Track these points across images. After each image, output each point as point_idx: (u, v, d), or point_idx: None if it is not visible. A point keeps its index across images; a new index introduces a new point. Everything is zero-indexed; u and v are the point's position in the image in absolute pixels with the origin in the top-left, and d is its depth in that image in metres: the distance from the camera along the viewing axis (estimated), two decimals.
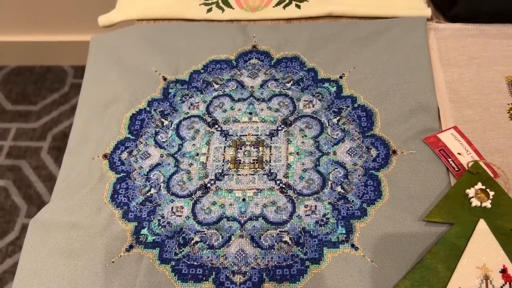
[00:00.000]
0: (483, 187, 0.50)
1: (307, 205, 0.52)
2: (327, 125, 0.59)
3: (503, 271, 0.46)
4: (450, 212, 0.49)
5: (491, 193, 0.49)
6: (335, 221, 0.51)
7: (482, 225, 0.48)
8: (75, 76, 1.72)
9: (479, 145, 0.56)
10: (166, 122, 0.60)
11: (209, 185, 0.55)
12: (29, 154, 1.54)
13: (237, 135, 0.58)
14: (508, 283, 0.45)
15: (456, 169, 0.53)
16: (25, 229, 1.41)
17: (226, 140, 0.58)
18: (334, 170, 0.55)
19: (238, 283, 0.48)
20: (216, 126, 0.59)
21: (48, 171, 1.51)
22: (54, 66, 1.76)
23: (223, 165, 0.56)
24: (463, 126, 0.58)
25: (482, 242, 0.47)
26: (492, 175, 0.52)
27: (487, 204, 0.49)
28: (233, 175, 0.55)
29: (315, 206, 0.52)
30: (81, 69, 1.76)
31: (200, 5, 0.71)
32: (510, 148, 0.55)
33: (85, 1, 1.46)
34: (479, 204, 0.49)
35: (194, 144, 0.58)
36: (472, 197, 0.49)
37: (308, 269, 0.48)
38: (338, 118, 0.59)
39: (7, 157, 1.51)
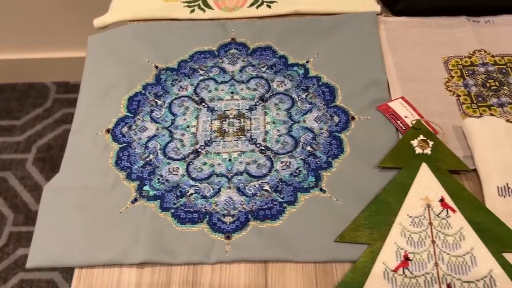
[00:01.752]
0: (424, 138, 0.61)
1: (283, 162, 0.63)
2: (297, 100, 0.70)
3: (441, 200, 0.57)
4: (399, 159, 0.60)
5: (431, 143, 0.61)
6: (306, 172, 0.61)
7: (424, 167, 0.59)
8: (57, 91, 1.78)
9: (422, 110, 0.68)
10: (159, 102, 0.70)
11: (200, 150, 0.64)
12: (14, 165, 1.58)
13: (221, 110, 0.69)
14: (445, 209, 0.56)
15: (404, 128, 0.65)
16: (12, 236, 1.45)
17: (212, 114, 0.68)
18: (304, 134, 0.66)
19: (228, 223, 0.57)
20: (203, 104, 0.70)
21: (34, 181, 1.56)
22: (36, 83, 1.81)
23: (210, 134, 0.66)
24: (408, 96, 0.70)
25: (425, 180, 0.58)
26: (432, 132, 0.64)
27: (428, 151, 0.60)
28: (219, 141, 0.65)
29: (290, 162, 0.63)
30: (64, 85, 1.82)
31: (184, 7, 0.82)
32: (446, 112, 0.67)
33: (65, 19, 1.54)
34: (421, 151, 0.60)
35: (185, 119, 0.68)
36: (416, 146, 0.61)
37: (285, 209, 0.58)
38: (306, 94, 0.70)
39: None
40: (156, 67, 0.74)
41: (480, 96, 0.69)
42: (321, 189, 0.60)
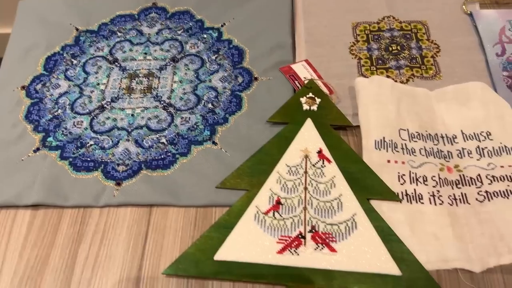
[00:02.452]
0: (312, 96, 0.65)
1: (183, 117, 0.66)
2: (206, 61, 0.73)
3: (319, 151, 0.60)
4: (287, 114, 0.64)
5: (318, 100, 0.64)
6: (203, 127, 0.65)
7: (308, 122, 0.63)
8: None
9: (323, 72, 0.71)
10: (75, 62, 0.73)
11: (105, 105, 0.68)
12: None
13: (132, 70, 0.72)
14: (321, 160, 0.60)
15: (300, 88, 0.68)
16: None
17: (123, 73, 0.72)
18: (208, 93, 0.69)
19: (120, 171, 0.61)
20: (116, 63, 0.73)
21: None
22: None
23: (118, 91, 0.69)
24: (313, 59, 0.73)
25: (307, 133, 0.62)
26: (328, 92, 0.68)
27: (314, 108, 0.64)
28: (126, 98, 0.69)
29: (189, 117, 0.66)
30: None
31: None
32: (345, 74, 0.71)
33: None
34: (308, 108, 0.64)
35: (96, 77, 0.71)
36: (304, 103, 0.64)
37: (177, 160, 0.62)
38: (216, 56, 0.73)
39: None
40: (77, 30, 0.77)
41: (380, 59, 0.72)
42: (213, 142, 0.63)
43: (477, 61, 0.71)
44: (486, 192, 0.57)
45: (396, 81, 0.69)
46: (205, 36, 0.76)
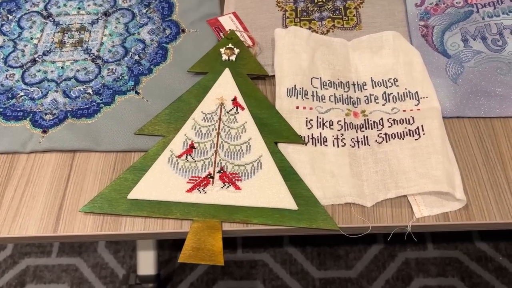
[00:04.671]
0: (232, 46, 0.67)
1: (110, 69, 0.69)
2: (137, 14, 0.75)
3: (234, 99, 0.64)
4: (207, 64, 0.67)
5: (236, 51, 0.67)
6: (128, 77, 0.68)
7: (226, 71, 0.66)
8: None
9: (249, 24, 0.73)
10: (10, 17, 0.76)
11: (37, 59, 0.71)
12: None
13: (66, 24, 0.74)
14: (235, 107, 0.63)
15: None
16: None
17: (56, 28, 0.74)
18: (136, 45, 0.72)
19: (47, 120, 0.65)
20: (50, 18, 0.75)
21: None
22: None
23: (51, 45, 0.72)
24: (240, 12, 0.75)
25: (224, 82, 0.65)
26: (251, 43, 0.70)
27: (233, 58, 0.67)
28: (57, 52, 0.71)
29: (116, 69, 0.69)
30: None
31: None
32: (270, 26, 0.73)
33: None
34: (227, 58, 0.67)
35: (31, 32, 0.74)
36: (223, 54, 0.67)
37: (101, 109, 0.66)
38: (147, 9, 0.76)
39: None
40: None
41: (305, 11, 0.74)
42: (136, 92, 0.67)
43: (398, 11, 0.73)
44: (385, 134, 0.61)
45: (317, 32, 0.71)
46: None
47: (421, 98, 0.63)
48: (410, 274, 1.22)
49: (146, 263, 1.18)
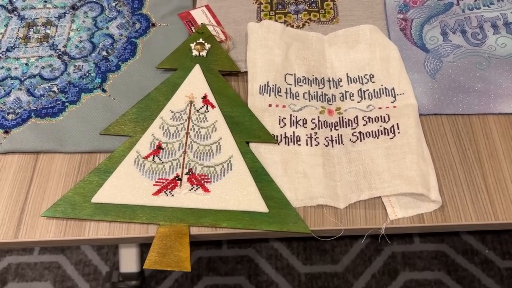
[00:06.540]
0: (202, 41, 0.65)
1: (76, 65, 0.67)
2: (106, 8, 0.72)
3: (204, 97, 0.61)
4: (176, 61, 0.64)
5: (207, 46, 0.65)
6: (95, 74, 0.66)
7: (197, 68, 0.64)
8: None
9: (222, 18, 0.71)
10: None
11: (0, 55, 0.68)
12: None
13: (31, 19, 0.71)
14: (206, 105, 0.61)
15: None
16: None
17: (22, 22, 0.71)
18: (104, 40, 0.69)
19: (10, 120, 0.62)
20: (15, 12, 0.72)
21: None
22: None
23: (15, 41, 0.69)
24: (213, 4, 0.72)
25: (194, 80, 0.63)
26: (224, 37, 0.68)
27: (204, 53, 0.64)
28: (22, 48, 0.68)
29: (82, 65, 0.67)
30: None
31: None
32: (244, 20, 0.70)
33: None
34: (197, 54, 0.64)
35: None
36: (193, 49, 0.64)
37: (66, 108, 0.63)
38: (116, 2, 0.72)
39: None
40: None
41: (280, 3, 0.72)
42: (103, 89, 0.64)
43: (376, 4, 0.71)
44: (360, 132, 0.59)
45: (292, 26, 0.69)
46: None
47: (397, 94, 0.61)
48: (396, 268, 1.21)
49: (129, 260, 1.16)
